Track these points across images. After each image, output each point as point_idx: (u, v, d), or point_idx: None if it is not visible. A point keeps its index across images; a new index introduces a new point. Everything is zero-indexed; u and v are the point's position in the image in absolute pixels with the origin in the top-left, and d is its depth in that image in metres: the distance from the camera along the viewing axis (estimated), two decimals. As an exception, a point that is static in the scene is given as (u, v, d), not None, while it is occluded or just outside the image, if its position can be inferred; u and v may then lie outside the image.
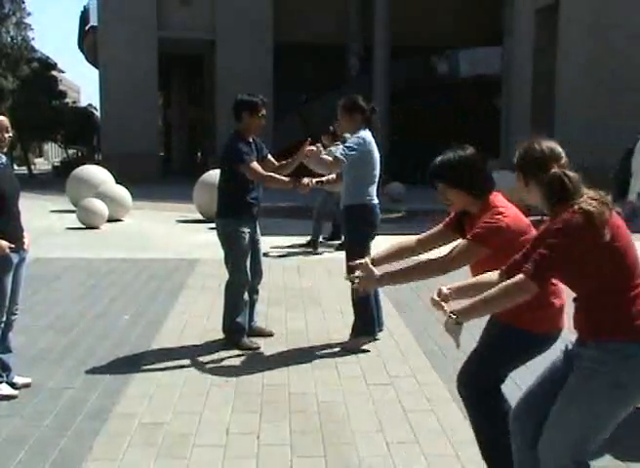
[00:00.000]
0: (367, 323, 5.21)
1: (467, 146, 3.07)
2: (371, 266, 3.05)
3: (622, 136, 17.73)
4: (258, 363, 4.86)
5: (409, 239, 3.27)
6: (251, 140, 5.17)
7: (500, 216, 2.90)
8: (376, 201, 5.22)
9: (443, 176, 3.01)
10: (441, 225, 3.21)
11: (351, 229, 5.22)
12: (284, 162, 5.34)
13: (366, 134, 5.12)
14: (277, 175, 5.16)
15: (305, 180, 5.12)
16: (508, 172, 16.15)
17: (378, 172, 5.22)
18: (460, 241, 3.01)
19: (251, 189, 5.14)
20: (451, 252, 2.96)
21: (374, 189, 5.21)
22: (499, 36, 24.92)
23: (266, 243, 8.31)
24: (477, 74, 25.67)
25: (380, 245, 5.36)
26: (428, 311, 6.25)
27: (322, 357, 4.99)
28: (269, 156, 5.38)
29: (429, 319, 6.00)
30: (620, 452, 3.40)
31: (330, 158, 4.98)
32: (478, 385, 2.97)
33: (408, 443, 3.59)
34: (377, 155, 5.18)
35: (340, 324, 5.79)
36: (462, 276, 2.92)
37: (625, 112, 17.67)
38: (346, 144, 5.05)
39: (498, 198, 3.02)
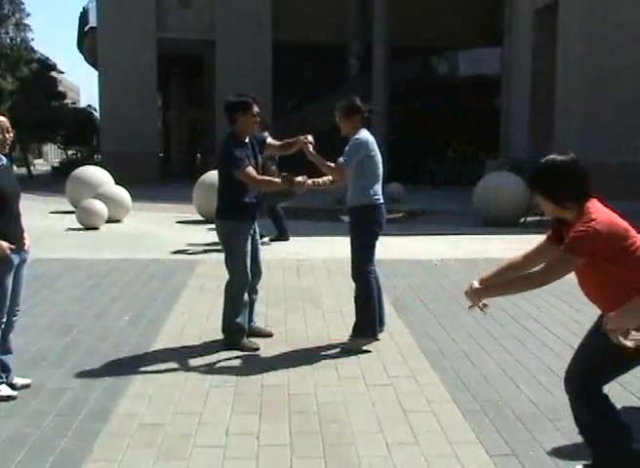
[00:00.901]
0: (369, 324, 5.19)
1: (569, 151, 3.01)
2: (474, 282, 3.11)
3: (622, 135, 17.80)
4: (257, 363, 4.86)
5: (515, 257, 3.21)
6: (247, 140, 5.17)
7: (590, 224, 2.82)
8: (382, 200, 5.20)
9: (531, 182, 3.00)
10: (545, 239, 3.16)
11: (359, 230, 5.18)
12: (286, 141, 5.36)
13: (365, 134, 5.11)
14: (271, 179, 5.25)
15: (300, 179, 5.10)
16: (508, 172, 16.11)
17: (381, 170, 5.22)
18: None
19: (250, 190, 5.14)
20: (546, 264, 2.95)
21: (379, 188, 5.20)
22: (498, 36, 24.94)
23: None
24: (477, 74, 25.69)
25: (380, 244, 5.39)
26: (428, 311, 6.26)
27: (322, 357, 4.99)
28: (270, 139, 5.41)
29: (429, 319, 6.00)
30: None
31: (333, 165, 5.04)
32: (584, 389, 2.99)
33: (408, 443, 3.59)
34: (378, 154, 5.18)
35: (340, 324, 5.79)
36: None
37: (625, 112, 17.67)
38: (346, 149, 5.04)
39: (593, 204, 2.93)
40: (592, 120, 17.99)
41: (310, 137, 5.18)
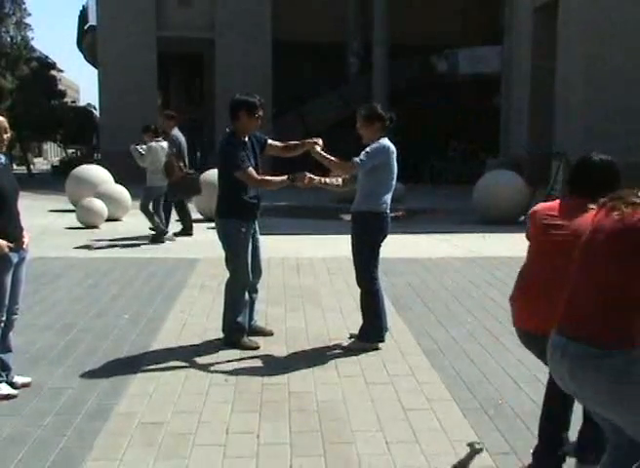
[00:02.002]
0: (374, 330, 5.14)
1: (598, 152, 3.25)
2: None
3: (623, 134, 17.79)
4: (257, 362, 4.86)
5: None
6: (246, 139, 5.16)
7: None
8: (388, 209, 5.14)
9: None
10: None
11: (362, 234, 5.14)
12: (291, 143, 5.35)
13: (387, 142, 5.08)
14: (272, 178, 5.17)
15: (305, 178, 5.06)
16: (508, 170, 16.09)
17: (394, 181, 5.17)
18: None
19: (250, 189, 5.13)
20: None
21: (389, 197, 5.15)
22: (498, 35, 24.93)
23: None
24: (476, 73, 25.67)
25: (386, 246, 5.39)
26: (428, 310, 6.26)
27: (322, 356, 4.99)
28: (270, 141, 5.39)
29: (429, 318, 6.00)
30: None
31: (348, 162, 5.01)
32: None
33: (407, 442, 3.59)
34: (395, 164, 5.12)
35: (340, 322, 5.80)
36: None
37: (625, 111, 17.65)
38: (367, 150, 4.99)
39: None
40: (592, 118, 17.97)
41: (319, 140, 5.17)
